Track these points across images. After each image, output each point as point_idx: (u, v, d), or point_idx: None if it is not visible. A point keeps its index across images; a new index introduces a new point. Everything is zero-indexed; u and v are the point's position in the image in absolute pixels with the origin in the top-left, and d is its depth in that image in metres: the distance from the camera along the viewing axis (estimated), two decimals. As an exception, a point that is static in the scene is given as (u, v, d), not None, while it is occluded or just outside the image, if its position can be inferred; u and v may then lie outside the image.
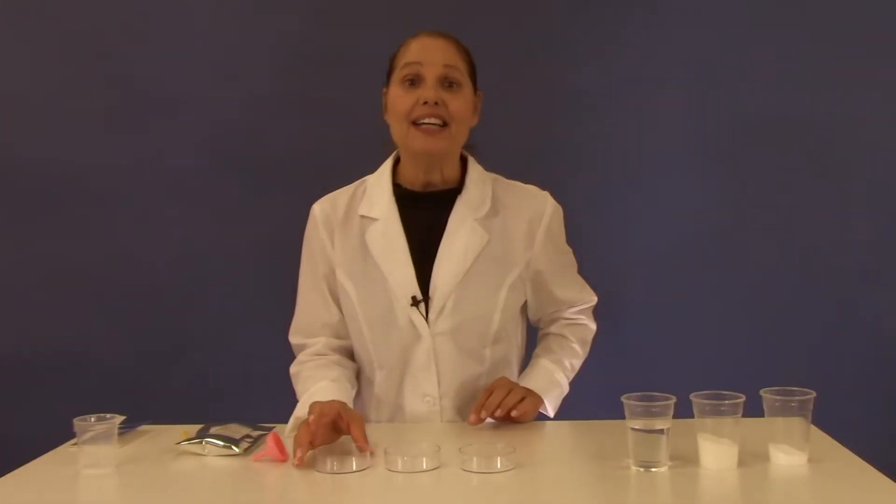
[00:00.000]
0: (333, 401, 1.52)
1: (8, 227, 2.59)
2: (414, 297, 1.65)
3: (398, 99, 1.65)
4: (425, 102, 1.61)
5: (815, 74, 2.51)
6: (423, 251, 1.68)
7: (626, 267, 2.54)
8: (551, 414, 1.75)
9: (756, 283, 2.55)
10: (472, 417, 1.58)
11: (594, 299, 1.87)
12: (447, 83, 1.64)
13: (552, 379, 1.76)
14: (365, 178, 1.79)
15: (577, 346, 1.83)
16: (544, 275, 1.76)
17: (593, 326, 1.87)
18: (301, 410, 1.58)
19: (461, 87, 1.65)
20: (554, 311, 1.84)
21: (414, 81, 1.64)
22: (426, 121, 1.62)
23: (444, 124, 1.63)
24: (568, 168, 2.51)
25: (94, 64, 2.55)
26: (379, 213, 1.71)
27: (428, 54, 1.63)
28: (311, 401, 1.53)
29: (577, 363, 1.84)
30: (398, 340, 1.67)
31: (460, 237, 1.67)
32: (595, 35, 2.53)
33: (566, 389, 1.80)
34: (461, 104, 1.64)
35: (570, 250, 1.84)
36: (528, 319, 1.85)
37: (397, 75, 1.66)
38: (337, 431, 1.47)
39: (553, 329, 1.85)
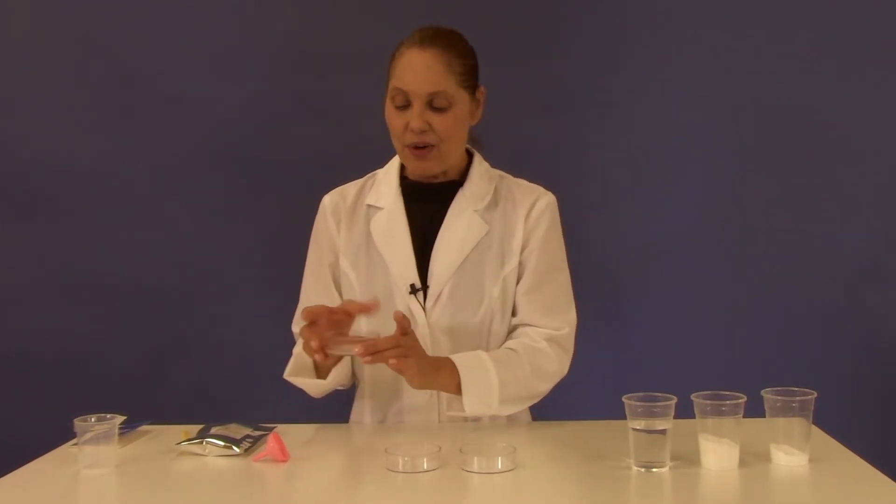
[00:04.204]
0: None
1: (8, 227, 2.58)
2: (413, 286, 1.68)
3: (390, 118, 1.69)
4: (413, 130, 1.65)
5: (815, 74, 2.51)
6: (425, 241, 1.71)
7: (627, 266, 2.54)
8: (464, 395, 1.57)
9: (757, 283, 2.55)
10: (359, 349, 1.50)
11: (563, 329, 1.68)
12: (433, 106, 1.65)
13: (478, 357, 1.62)
14: (375, 171, 1.82)
15: (524, 363, 1.63)
16: (521, 271, 1.70)
17: (553, 364, 1.66)
18: (298, 348, 1.66)
19: (449, 106, 1.66)
20: (515, 323, 1.71)
21: (403, 103, 1.66)
22: (415, 144, 1.66)
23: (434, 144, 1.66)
24: (568, 165, 2.51)
25: (94, 64, 2.55)
26: (385, 202, 1.75)
27: (413, 80, 1.63)
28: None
29: (520, 373, 1.62)
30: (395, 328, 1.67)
31: (459, 227, 1.70)
32: (595, 33, 2.53)
33: (492, 374, 1.59)
34: (449, 124, 1.66)
35: (559, 265, 1.73)
36: None
37: (389, 91, 1.68)
38: (336, 326, 1.53)
39: (508, 343, 1.70)
